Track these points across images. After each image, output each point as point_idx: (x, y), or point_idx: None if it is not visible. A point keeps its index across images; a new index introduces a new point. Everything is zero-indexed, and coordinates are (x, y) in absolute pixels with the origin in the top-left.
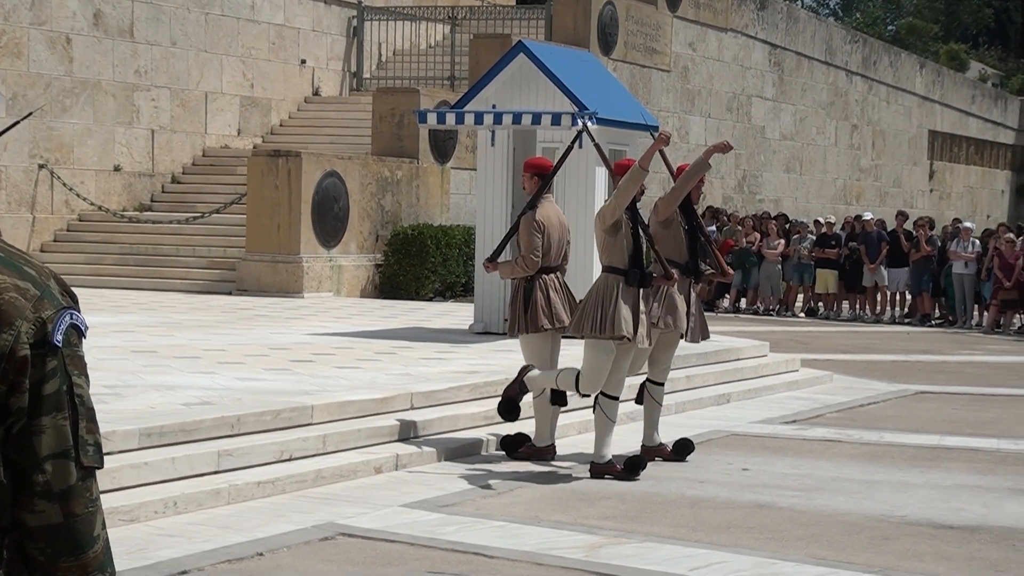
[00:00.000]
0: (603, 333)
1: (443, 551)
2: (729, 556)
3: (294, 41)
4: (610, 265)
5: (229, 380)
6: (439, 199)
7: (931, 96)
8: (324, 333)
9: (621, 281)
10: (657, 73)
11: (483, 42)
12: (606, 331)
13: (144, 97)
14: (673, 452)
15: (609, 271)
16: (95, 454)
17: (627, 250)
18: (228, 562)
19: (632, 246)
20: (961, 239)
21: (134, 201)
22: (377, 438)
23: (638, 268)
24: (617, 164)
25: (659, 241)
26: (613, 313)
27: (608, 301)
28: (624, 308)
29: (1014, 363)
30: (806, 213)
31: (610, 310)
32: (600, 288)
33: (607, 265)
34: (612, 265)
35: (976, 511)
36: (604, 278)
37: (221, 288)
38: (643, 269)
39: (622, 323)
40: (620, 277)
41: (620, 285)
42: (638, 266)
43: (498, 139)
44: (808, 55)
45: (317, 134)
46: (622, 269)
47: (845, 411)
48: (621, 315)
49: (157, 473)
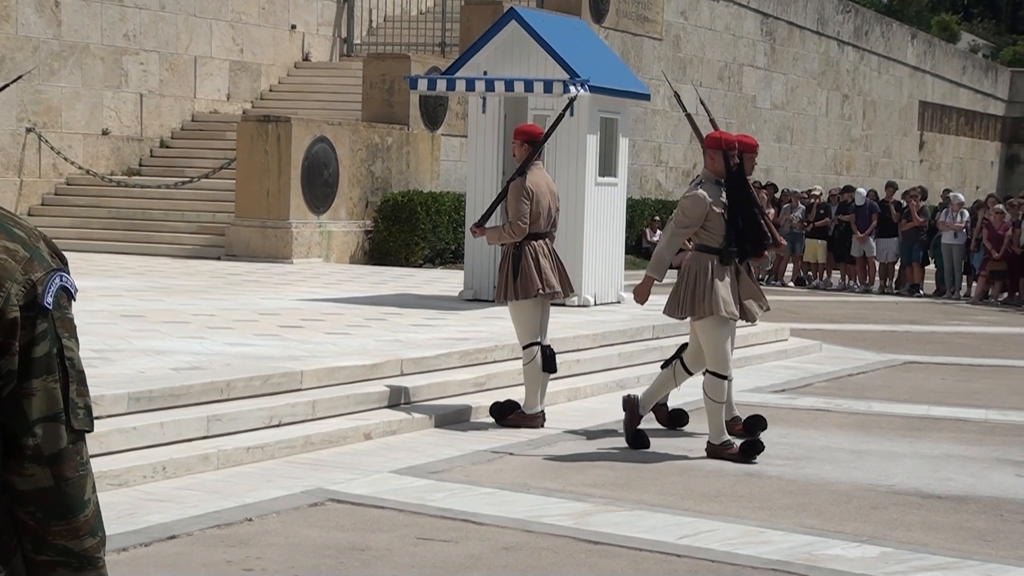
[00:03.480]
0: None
1: (432, 517)
2: (718, 524)
3: (284, 6)
4: (702, 244)
5: (218, 345)
6: (429, 166)
7: (922, 67)
8: (314, 299)
9: (715, 260)
10: (649, 41)
11: (474, 9)
12: (714, 310)
13: (133, 61)
14: (744, 429)
15: (701, 250)
16: (85, 417)
17: (720, 228)
18: (217, 527)
19: (726, 224)
20: (950, 210)
21: (122, 165)
22: (367, 404)
23: (734, 247)
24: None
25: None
26: (712, 293)
27: (703, 281)
28: (721, 286)
29: (1002, 334)
30: (796, 183)
31: (707, 290)
32: (692, 267)
33: (699, 244)
34: (704, 244)
35: (964, 481)
36: (696, 257)
37: (210, 253)
38: (741, 247)
39: (720, 303)
40: (714, 256)
41: (713, 263)
42: (735, 245)
43: (489, 106)
44: (800, 25)
45: (307, 100)
46: (716, 248)
47: (834, 380)
48: (720, 295)
49: (146, 438)
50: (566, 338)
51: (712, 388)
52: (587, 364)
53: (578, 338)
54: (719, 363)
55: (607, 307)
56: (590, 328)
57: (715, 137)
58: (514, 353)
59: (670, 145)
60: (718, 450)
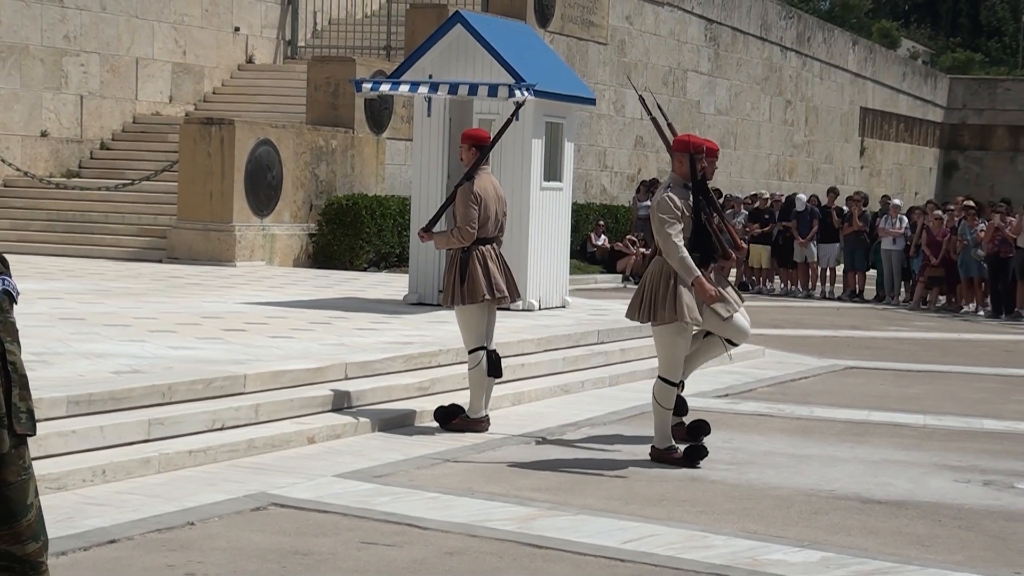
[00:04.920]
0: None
1: (376, 521)
2: (661, 529)
3: (228, 8)
4: None
5: (160, 348)
6: (374, 169)
7: (863, 73)
8: (257, 302)
9: None
10: (594, 46)
11: (420, 12)
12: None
13: (73, 63)
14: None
15: None
16: (28, 421)
17: (687, 234)
18: (158, 531)
19: (692, 229)
20: (890, 216)
21: (61, 167)
22: (311, 408)
23: (698, 253)
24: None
25: None
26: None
27: (666, 287)
28: (686, 293)
29: (939, 339)
30: (740, 188)
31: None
32: (656, 273)
33: None
34: None
35: (903, 486)
36: (662, 263)
37: (151, 256)
38: (705, 253)
39: (684, 309)
40: None
41: None
42: (699, 251)
43: (434, 110)
44: (743, 30)
45: (251, 102)
46: None
47: (776, 385)
48: (684, 301)
49: (85, 441)
50: (511, 342)
51: (661, 394)
52: (532, 368)
53: (523, 342)
54: (671, 370)
55: (552, 311)
56: (535, 332)
57: (683, 140)
58: (459, 357)
59: (615, 150)
60: (662, 455)
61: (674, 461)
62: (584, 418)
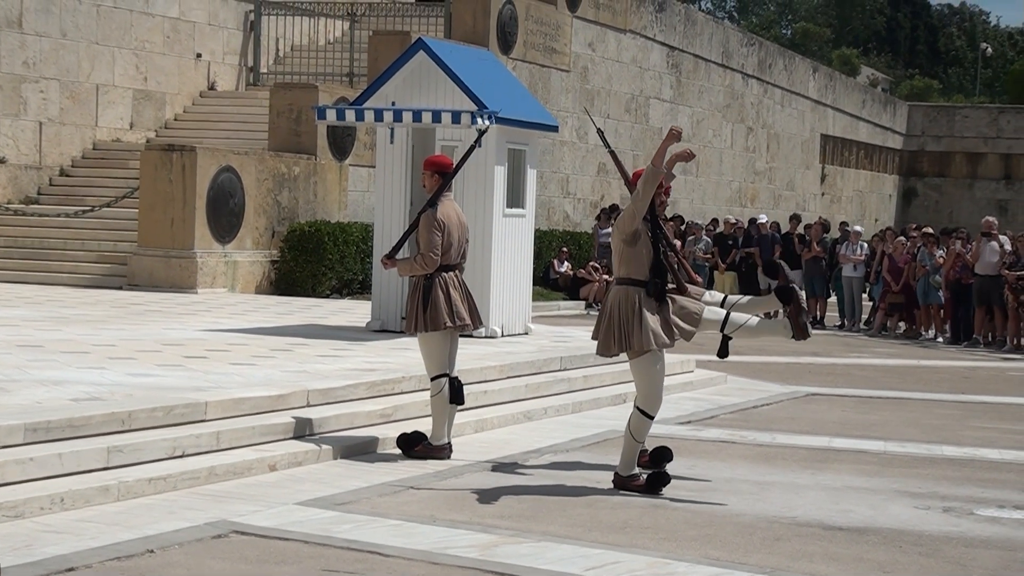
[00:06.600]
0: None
1: (338, 549)
2: (624, 556)
3: (189, 35)
4: (628, 277)
5: (120, 376)
6: (337, 196)
7: (823, 100)
8: (218, 329)
9: (641, 292)
10: (557, 73)
11: (382, 39)
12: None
13: (32, 89)
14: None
15: (627, 283)
16: None
17: (647, 260)
18: (117, 559)
19: (652, 256)
20: (850, 242)
21: (20, 194)
22: (272, 435)
23: (659, 279)
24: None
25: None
26: (641, 327)
27: (632, 315)
28: (650, 318)
29: (899, 366)
30: (702, 215)
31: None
32: (620, 302)
33: (624, 277)
34: (631, 277)
35: (864, 513)
36: (624, 291)
37: (111, 283)
38: (664, 280)
39: (650, 336)
40: (640, 289)
41: (640, 296)
42: (660, 276)
43: (397, 136)
44: (705, 57)
45: (213, 129)
46: (642, 281)
47: (739, 412)
48: (649, 327)
49: (43, 469)
50: (473, 369)
51: (637, 427)
52: (494, 395)
53: (485, 369)
54: (649, 402)
55: (514, 338)
56: (497, 359)
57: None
58: (421, 384)
59: (578, 176)
60: (625, 482)
61: (636, 488)
62: (547, 445)
